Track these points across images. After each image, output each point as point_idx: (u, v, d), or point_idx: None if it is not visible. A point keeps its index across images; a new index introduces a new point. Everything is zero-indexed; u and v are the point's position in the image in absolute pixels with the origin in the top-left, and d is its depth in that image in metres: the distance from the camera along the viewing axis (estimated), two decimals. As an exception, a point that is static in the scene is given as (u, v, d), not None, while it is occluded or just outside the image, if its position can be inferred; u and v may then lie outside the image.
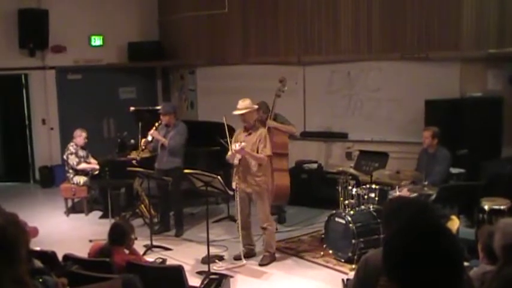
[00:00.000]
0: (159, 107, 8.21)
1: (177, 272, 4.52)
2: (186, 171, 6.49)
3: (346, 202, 6.69)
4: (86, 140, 8.85)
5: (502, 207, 6.11)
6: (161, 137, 7.48)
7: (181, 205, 7.83)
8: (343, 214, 6.41)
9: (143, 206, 8.00)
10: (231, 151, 6.46)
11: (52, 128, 11.12)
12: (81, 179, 8.73)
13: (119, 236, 4.83)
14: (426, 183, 6.30)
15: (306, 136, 9.82)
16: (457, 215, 6.23)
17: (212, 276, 5.62)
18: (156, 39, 11.96)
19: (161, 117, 7.56)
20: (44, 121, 11.10)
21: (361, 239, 6.16)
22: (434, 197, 6.15)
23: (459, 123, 7.76)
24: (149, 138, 7.56)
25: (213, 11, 10.78)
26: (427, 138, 6.82)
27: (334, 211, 6.62)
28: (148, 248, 6.90)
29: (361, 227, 6.23)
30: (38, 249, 4.42)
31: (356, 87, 9.31)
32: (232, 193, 6.53)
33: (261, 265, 6.44)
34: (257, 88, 8.81)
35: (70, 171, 8.79)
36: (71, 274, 4.06)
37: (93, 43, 11.37)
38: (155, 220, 7.83)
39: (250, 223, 6.67)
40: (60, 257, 4.63)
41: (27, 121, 11.21)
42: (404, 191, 6.46)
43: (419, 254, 1.64)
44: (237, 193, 6.50)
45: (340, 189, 6.83)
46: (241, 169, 6.44)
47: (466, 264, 4.11)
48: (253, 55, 10.42)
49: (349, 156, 9.29)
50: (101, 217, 8.52)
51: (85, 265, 4.42)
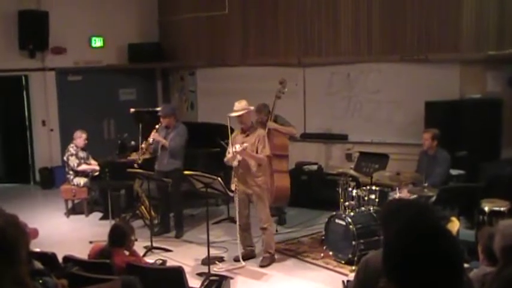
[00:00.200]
0: (159, 108, 8.21)
1: (177, 274, 4.53)
2: (186, 172, 6.48)
3: (346, 203, 6.68)
4: (86, 142, 8.85)
5: (502, 208, 6.12)
6: (162, 139, 7.49)
7: (181, 206, 7.83)
8: (343, 215, 6.41)
9: (143, 208, 8.01)
10: (229, 153, 6.45)
11: (52, 130, 11.11)
12: (81, 181, 8.73)
13: (119, 238, 4.83)
14: (426, 184, 6.29)
15: (306, 138, 9.82)
16: (457, 217, 6.23)
17: (212, 277, 5.61)
18: (156, 40, 11.97)
19: (161, 119, 7.57)
20: (44, 122, 11.10)
21: (361, 241, 6.15)
22: (434, 199, 6.15)
23: (459, 124, 7.76)
24: (150, 140, 7.58)
25: (213, 12, 10.79)
26: (427, 140, 6.83)
27: (334, 212, 6.62)
28: (148, 250, 6.90)
29: (361, 229, 6.23)
30: (38, 250, 4.42)
31: (356, 88, 9.32)
32: (232, 195, 6.54)
33: (262, 266, 6.43)
34: (257, 89, 8.82)
35: (70, 172, 8.79)
36: (71, 275, 4.06)
37: (93, 44, 11.38)
38: (155, 221, 7.82)
39: (249, 224, 6.67)
40: (60, 259, 4.63)
41: (27, 122, 11.20)
42: (404, 193, 6.46)
43: (418, 256, 1.64)
44: (236, 195, 6.50)
45: (340, 190, 6.83)
46: (240, 171, 6.44)
47: (466, 265, 4.12)
48: (253, 56, 10.42)
49: (349, 157, 9.29)
50: (101, 218, 8.52)
51: (85, 266, 4.41)
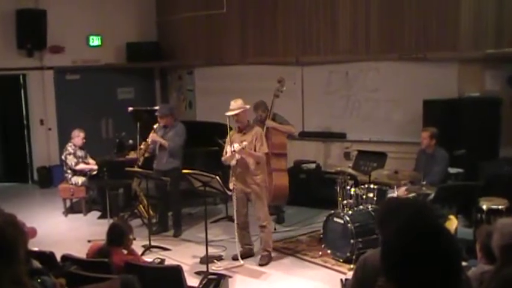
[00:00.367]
0: (157, 108, 8.21)
1: (176, 272, 4.52)
2: (185, 171, 6.48)
3: (344, 202, 6.68)
4: (84, 140, 8.84)
5: (500, 207, 6.12)
6: (161, 139, 7.48)
7: (179, 205, 7.83)
8: (341, 214, 6.41)
9: (142, 207, 8.00)
10: (227, 153, 6.45)
11: (50, 129, 11.11)
12: (79, 180, 8.72)
13: (118, 237, 4.83)
14: (424, 183, 6.30)
15: (305, 136, 9.82)
16: (455, 215, 6.24)
17: (211, 276, 5.61)
18: (154, 39, 11.96)
19: (158, 119, 7.56)
20: (42, 121, 11.09)
21: (359, 239, 6.16)
22: (432, 197, 6.16)
23: (457, 123, 7.77)
24: (149, 141, 7.57)
25: (211, 11, 10.78)
26: (425, 138, 6.83)
27: (332, 211, 6.62)
28: (146, 248, 6.90)
29: (359, 227, 6.23)
30: (37, 249, 4.40)
31: (354, 87, 9.32)
32: (230, 193, 6.53)
33: (261, 265, 6.43)
34: (255, 88, 8.83)
35: (68, 171, 8.79)
36: (70, 274, 4.05)
37: (91, 43, 11.37)
38: (153, 220, 7.82)
39: (248, 223, 6.67)
40: (58, 258, 4.62)
41: (25, 121, 11.20)
42: (402, 191, 6.46)
43: (417, 254, 1.65)
44: (234, 193, 6.49)
45: (338, 189, 6.83)
46: (239, 169, 6.43)
47: (465, 264, 4.11)
48: (251, 55, 10.41)
49: (347, 156, 9.29)
50: (100, 217, 8.51)
51: (83, 265, 4.41)
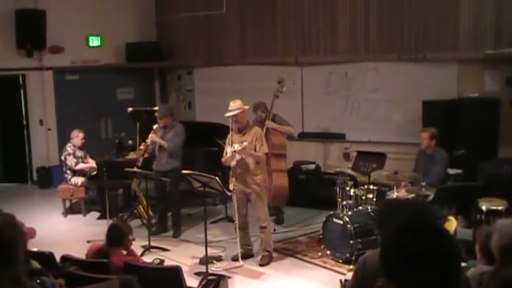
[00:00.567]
0: (157, 108, 8.21)
1: (175, 273, 4.52)
2: (184, 172, 6.48)
3: (344, 203, 6.67)
4: (83, 141, 8.83)
5: (500, 207, 6.12)
6: (160, 140, 7.48)
7: (179, 206, 7.83)
8: (341, 215, 6.41)
9: (141, 207, 8.00)
10: (227, 153, 6.44)
11: (50, 129, 11.10)
12: (79, 180, 8.71)
13: (117, 237, 4.82)
14: (424, 184, 6.30)
15: (304, 137, 9.82)
16: (455, 216, 6.24)
17: (210, 277, 5.61)
18: (154, 39, 11.95)
19: (158, 120, 7.56)
20: (42, 122, 11.09)
21: (359, 240, 6.16)
22: (431, 198, 6.15)
23: (456, 124, 7.77)
24: (148, 142, 7.57)
25: (211, 12, 10.78)
26: (425, 139, 6.83)
27: (332, 212, 6.61)
28: (146, 249, 6.89)
29: (359, 228, 6.23)
30: (36, 250, 4.40)
31: (353, 88, 9.32)
32: (230, 194, 6.53)
33: (262, 265, 6.43)
34: (255, 89, 8.83)
35: (68, 172, 8.78)
36: (69, 275, 4.05)
37: (90, 44, 11.37)
38: (153, 221, 7.82)
39: (247, 224, 6.66)
40: (58, 258, 4.61)
41: (24, 122, 11.19)
42: (402, 192, 6.46)
43: (416, 255, 1.65)
44: (234, 194, 6.49)
45: (338, 190, 6.82)
46: (239, 170, 6.43)
47: (464, 264, 4.12)
48: (251, 56, 10.41)
49: (347, 157, 9.29)
50: (99, 218, 8.51)
51: (83, 266, 4.40)
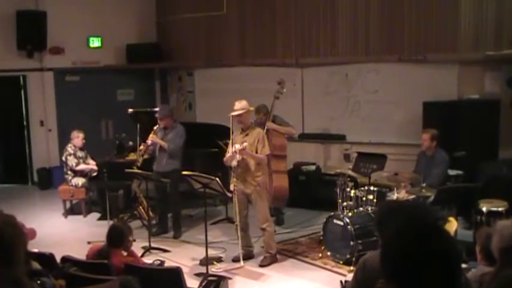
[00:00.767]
0: (157, 109, 8.21)
1: (175, 274, 4.52)
2: (185, 172, 6.48)
3: (344, 204, 6.67)
4: (84, 141, 8.84)
5: (500, 209, 6.12)
6: (160, 141, 7.48)
7: (179, 207, 7.83)
8: (341, 216, 6.41)
9: (141, 208, 8.00)
10: (229, 153, 6.44)
11: (50, 130, 11.11)
12: (79, 181, 8.72)
13: (117, 238, 4.82)
14: (424, 185, 6.30)
15: (304, 138, 9.82)
16: (455, 217, 6.23)
17: (210, 278, 5.60)
18: (154, 40, 11.96)
19: (158, 121, 7.56)
20: (42, 123, 11.09)
21: (359, 241, 6.16)
22: (432, 199, 6.16)
23: (457, 125, 7.77)
24: (149, 142, 7.57)
25: (211, 13, 10.79)
26: (426, 140, 6.83)
27: (332, 213, 6.61)
28: (146, 250, 6.90)
29: (359, 229, 6.23)
30: (36, 251, 4.41)
31: (354, 89, 9.32)
32: (230, 195, 6.53)
33: (262, 266, 6.43)
34: (255, 90, 8.83)
35: (69, 172, 8.78)
36: (69, 276, 4.05)
37: (91, 45, 11.37)
38: (153, 222, 7.82)
39: (248, 224, 6.66)
40: (58, 259, 4.61)
41: (25, 123, 11.20)
42: (402, 193, 6.46)
43: (417, 255, 1.65)
44: (235, 195, 6.49)
45: (338, 191, 6.82)
46: (240, 170, 6.43)
47: (465, 266, 4.12)
48: (251, 57, 10.42)
49: (347, 158, 9.30)
50: (99, 219, 8.51)
51: (83, 267, 4.40)
